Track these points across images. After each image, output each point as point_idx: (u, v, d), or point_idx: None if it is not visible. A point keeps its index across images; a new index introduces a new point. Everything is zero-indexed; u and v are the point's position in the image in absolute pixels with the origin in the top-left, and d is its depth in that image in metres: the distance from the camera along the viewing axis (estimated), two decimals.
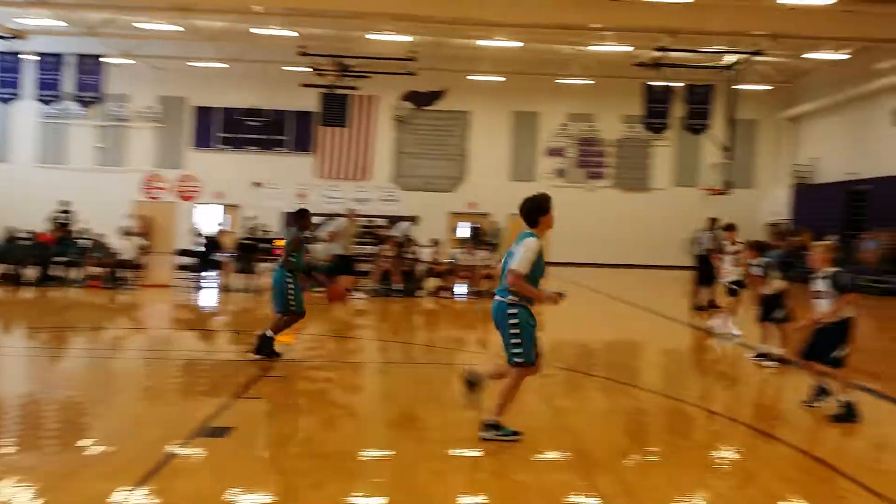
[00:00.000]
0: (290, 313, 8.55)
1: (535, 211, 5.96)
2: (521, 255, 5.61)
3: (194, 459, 5.22)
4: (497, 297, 5.79)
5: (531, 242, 5.69)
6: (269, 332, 8.46)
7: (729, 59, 24.49)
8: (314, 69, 25.12)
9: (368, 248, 18.41)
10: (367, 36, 25.30)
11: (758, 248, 9.63)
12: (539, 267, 5.71)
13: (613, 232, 30.77)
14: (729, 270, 11.58)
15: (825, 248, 6.99)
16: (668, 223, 30.63)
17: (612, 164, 31.93)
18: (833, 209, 26.80)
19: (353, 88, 26.97)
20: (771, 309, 9.21)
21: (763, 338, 9.53)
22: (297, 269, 8.56)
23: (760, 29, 22.95)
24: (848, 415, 6.48)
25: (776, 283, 9.23)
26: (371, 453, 5.54)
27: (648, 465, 5.47)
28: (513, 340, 5.70)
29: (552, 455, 5.61)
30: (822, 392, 6.91)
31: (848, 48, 25.47)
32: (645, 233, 30.76)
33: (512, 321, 5.69)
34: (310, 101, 29.14)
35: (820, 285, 6.75)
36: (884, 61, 23.97)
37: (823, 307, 6.69)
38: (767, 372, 9.05)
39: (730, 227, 12.29)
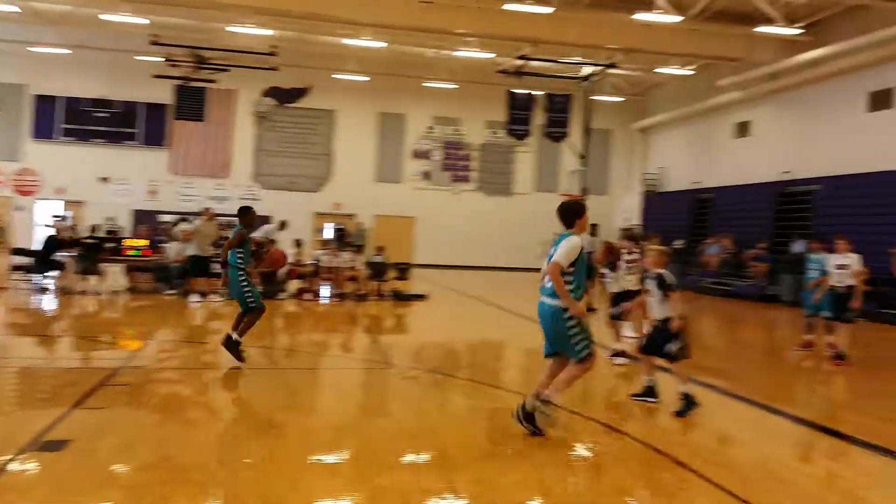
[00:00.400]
0: (251, 311, 8.56)
1: (573, 214, 6.21)
2: (563, 249, 5.91)
3: (28, 475, 4.77)
4: (547, 302, 5.96)
5: (574, 239, 5.99)
6: (234, 336, 8.48)
7: (586, 70, 25.52)
8: (168, 60, 23.84)
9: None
10: (228, 28, 24.36)
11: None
12: (582, 266, 5.95)
13: (477, 235, 31.32)
14: (621, 278, 11.77)
15: (658, 252, 7.51)
16: (529, 227, 31.60)
17: (477, 169, 32.48)
18: (680, 215, 28.59)
19: (210, 81, 25.82)
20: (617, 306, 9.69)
21: (615, 336, 9.93)
22: (248, 265, 8.68)
23: (615, 43, 24.10)
24: (687, 406, 6.90)
25: (624, 282, 9.67)
26: (225, 463, 5.22)
27: (507, 463, 5.48)
28: (575, 339, 5.92)
29: (413, 457, 5.53)
30: (650, 392, 7.35)
31: (693, 64, 27.24)
32: (508, 236, 31.53)
33: (570, 323, 5.90)
34: (163, 94, 27.59)
35: (649, 285, 7.29)
36: (726, 78, 25.80)
37: (654, 306, 7.21)
38: (619, 370, 9.41)
39: (630, 237, 12.28)
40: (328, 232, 29.68)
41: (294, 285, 16.80)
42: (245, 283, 8.54)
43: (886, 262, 17.38)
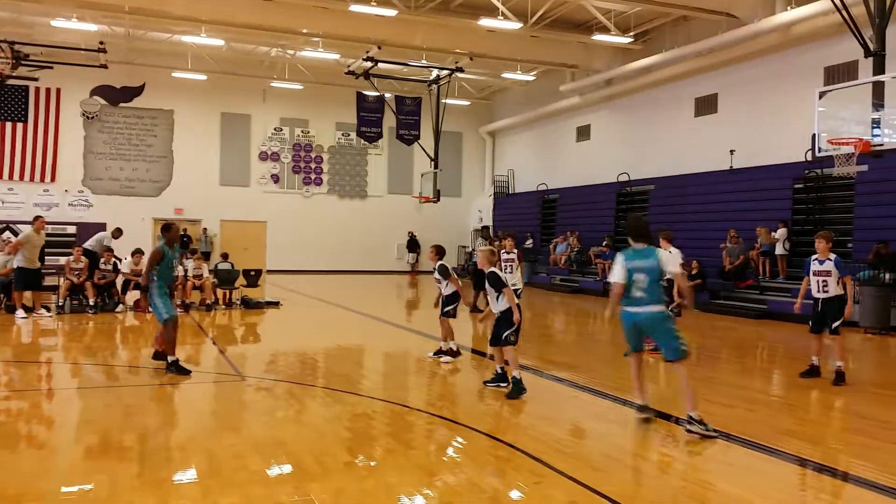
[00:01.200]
0: (166, 323, 8.75)
1: (647, 227, 6.77)
2: (669, 260, 6.71)
3: None
4: (652, 309, 6.43)
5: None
6: (169, 358, 8.79)
7: (434, 73, 25.80)
8: None
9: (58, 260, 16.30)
10: (52, 23, 22.52)
11: (438, 252, 10.17)
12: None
13: (331, 238, 30.86)
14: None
15: (486, 252, 8.34)
16: (384, 229, 31.57)
17: (329, 171, 32.00)
18: (529, 216, 29.56)
19: (32, 79, 23.77)
20: (446, 306, 10.05)
21: (443, 335, 10.13)
22: (168, 281, 8.96)
23: (460, 47, 24.57)
24: (516, 390, 7.65)
25: (451, 283, 10.00)
26: (61, 490, 4.75)
27: (363, 470, 5.37)
28: (676, 336, 6.46)
29: (265, 471, 5.26)
30: (501, 377, 8.13)
31: (536, 70, 28.26)
32: (363, 239, 31.32)
33: (671, 324, 6.55)
34: None
35: (487, 284, 8.06)
36: (566, 83, 26.95)
37: (493, 302, 8.03)
38: (448, 367, 9.53)
39: (509, 236, 13.27)
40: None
41: (132, 297, 15.72)
42: (157, 299, 8.76)
43: (717, 255, 18.82)
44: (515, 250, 13.28)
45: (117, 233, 16.83)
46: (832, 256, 8.78)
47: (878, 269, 14.25)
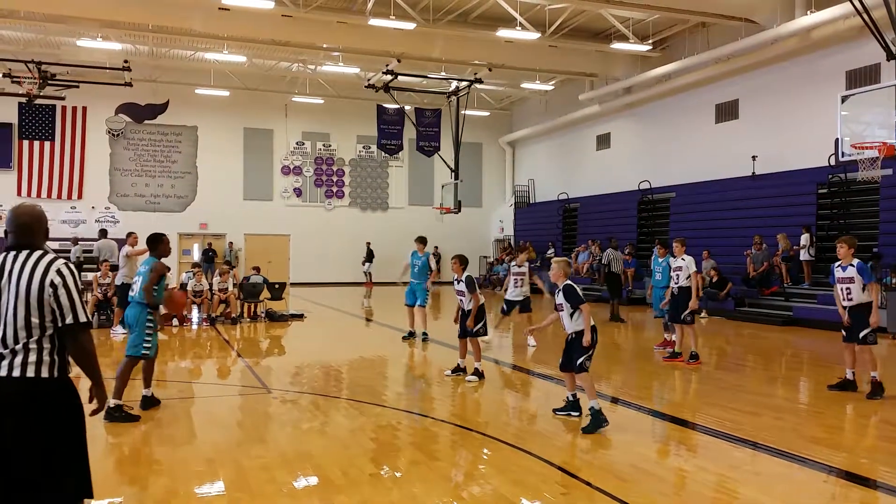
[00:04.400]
0: (142, 358, 7.54)
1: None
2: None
3: None
4: None
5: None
6: (145, 391, 7.76)
7: (454, 85, 25.94)
8: (9, 76, 22.18)
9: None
10: (78, 43, 22.98)
11: (462, 262, 9.86)
12: None
13: (353, 250, 30.99)
14: (513, 290, 12.80)
15: (560, 264, 7.35)
16: (406, 241, 31.58)
17: (350, 184, 32.20)
18: (550, 225, 29.51)
19: (59, 98, 24.22)
20: (475, 324, 9.52)
21: (462, 353, 9.84)
22: (156, 304, 7.57)
23: (479, 59, 24.69)
24: (594, 423, 6.77)
25: (474, 300, 9.45)
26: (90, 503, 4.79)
27: (388, 482, 5.39)
28: None
29: (292, 484, 5.32)
30: (573, 406, 7.29)
31: (555, 79, 28.29)
32: (384, 251, 31.40)
33: None
34: (7, 112, 25.70)
35: (560, 298, 7.12)
36: (585, 92, 26.96)
37: (566, 319, 7.08)
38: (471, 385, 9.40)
39: (521, 249, 13.12)
40: (195, 253, 28.55)
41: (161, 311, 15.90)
42: (150, 327, 7.53)
43: (739, 262, 18.67)
44: (527, 264, 13.34)
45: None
46: (855, 262, 8.38)
47: None
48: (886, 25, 12.08)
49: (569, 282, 7.16)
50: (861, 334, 8.32)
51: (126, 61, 23.04)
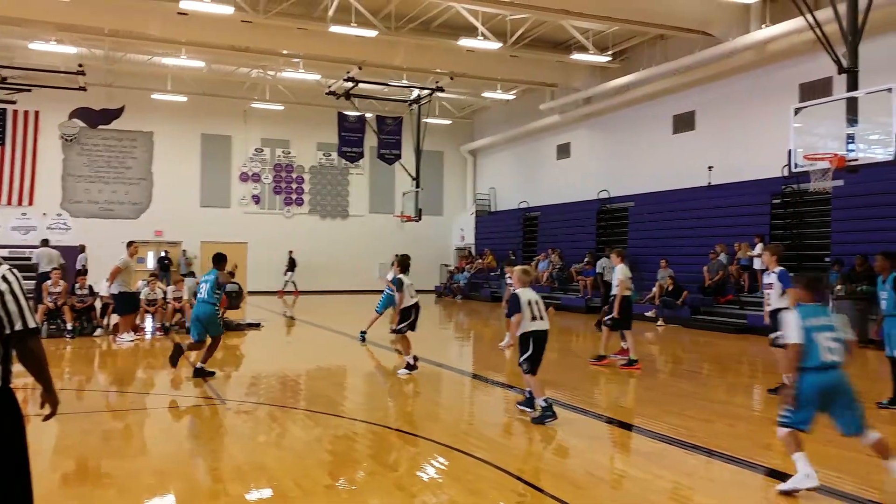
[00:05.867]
0: (215, 340, 10.22)
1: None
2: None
3: None
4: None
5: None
6: (200, 363, 10.07)
7: (415, 93, 25.96)
8: None
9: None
10: (31, 46, 22.43)
11: (400, 263, 10.75)
12: None
13: (313, 258, 30.70)
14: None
15: (518, 272, 7.94)
16: (366, 249, 31.49)
17: (310, 191, 31.94)
18: (511, 233, 29.64)
19: (10, 102, 23.62)
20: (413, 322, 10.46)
21: (406, 347, 10.50)
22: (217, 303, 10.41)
23: (440, 67, 24.72)
24: (541, 417, 7.33)
25: (408, 299, 10.35)
26: None
27: (344, 493, 5.33)
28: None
29: (245, 495, 5.22)
30: (528, 402, 7.78)
31: (516, 89, 28.48)
32: (344, 259, 31.22)
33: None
34: None
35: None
36: (546, 102, 27.18)
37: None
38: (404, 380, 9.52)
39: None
40: (150, 261, 28.03)
41: (113, 320, 15.53)
42: (219, 318, 10.48)
43: (695, 271, 18.95)
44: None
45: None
46: (777, 269, 8.83)
47: (856, 282, 14.39)
48: (838, 40, 12.39)
49: (517, 291, 7.62)
50: (773, 336, 8.66)
51: (81, 65, 22.58)
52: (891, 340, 7.94)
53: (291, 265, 29.54)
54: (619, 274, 11.21)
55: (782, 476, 5.58)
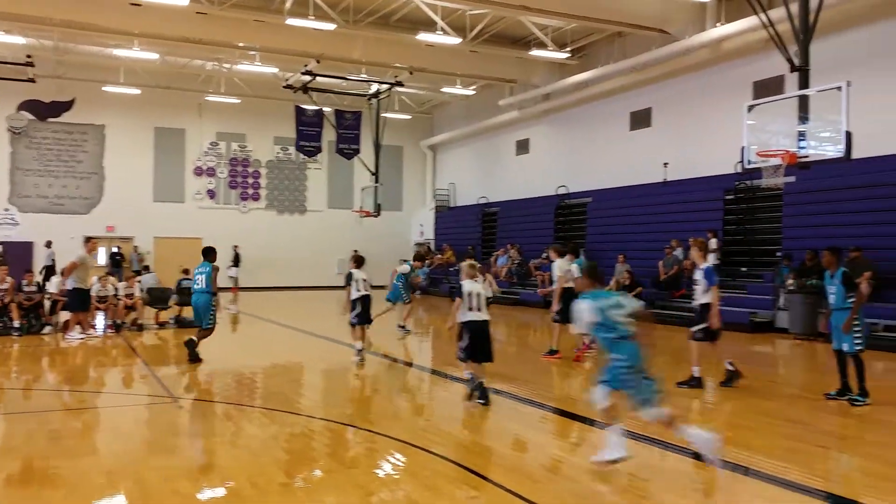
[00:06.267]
0: (210, 328, 11.11)
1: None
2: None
3: None
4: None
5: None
6: (195, 338, 10.94)
7: (374, 87, 25.81)
8: None
9: None
10: None
11: (355, 260, 11.70)
12: None
13: (269, 254, 30.33)
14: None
15: (464, 266, 8.39)
16: (324, 244, 31.21)
17: (267, 186, 31.54)
18: (470, 229, 29.66)
19: None
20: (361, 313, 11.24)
21: (356, 337, 11.24)
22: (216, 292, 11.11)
23: (399, 62, 24.61)
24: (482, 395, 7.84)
25: (354, 292, 11.25)
26: None
27: (300, 491, 5.27)
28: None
29: (196, 494, 5.14)
30: (481, 390, 8.00)
31: (475, 84, 28.50)
32: (302, 254, 30.88)
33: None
34: None
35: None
36: (506, 98, 27.23)
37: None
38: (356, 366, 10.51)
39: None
40: (102, 257, 27.38)
41: (62, 317, 15.12)
42: (215, 307, 11.15)
43: (652, 266, 19.19)
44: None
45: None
46: (703, 265, 9.05)
47: (806, 277, 14.71)
48: (790, 39, 12.63)
49: (462, 281, 8.15)
50: (693, 329, 9.01)
51: (29, 56, 21.95)
52: (838, 334, 8.13)
53: (236, 260, 28.97)
54: (556, 269, 11.64)
55: (734, 467, 5.66)
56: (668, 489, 5.29)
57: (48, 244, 21.17)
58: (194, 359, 10.80)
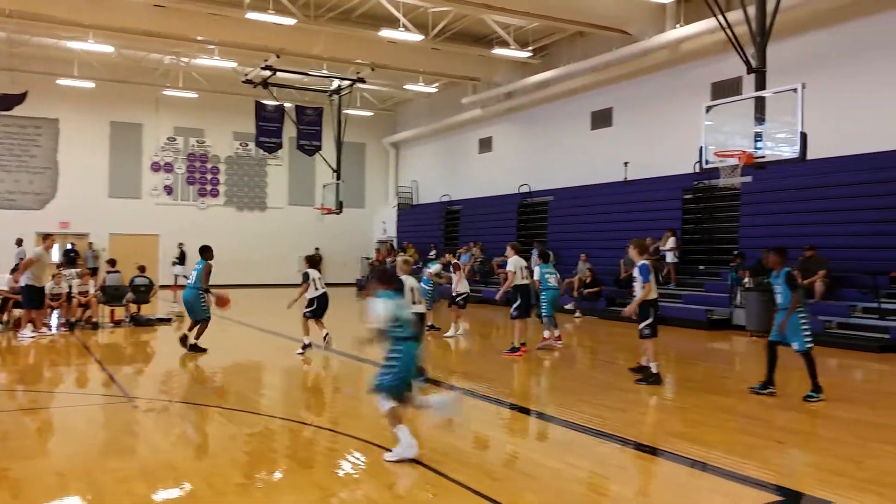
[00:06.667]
0: (204, 320, 11.74)
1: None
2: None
3: None
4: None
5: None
6: (194, 340, 11.58)
7: (336, 83, 25.58)
8: None
9: None
10: None
11: (308, 260, 12.34)
12: None
13: (229, 251, 29.79)
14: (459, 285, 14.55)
15: (399, 261, 9.25)
16: (284, 241, 30.87)
17: (226, 182, 31.09)
18: (433, 227, 29.63)
19: None
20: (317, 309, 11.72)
21: (305, 331, 11.64)
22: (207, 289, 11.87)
23: (361, 58, 24.44)
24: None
25: (312, 290, 11.72)
26: None
27: (257, 492, 5.18)
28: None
29: (151, 496, 5.02)
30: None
31: (438, 82, 28.45)
32: (262, 252, 30.52)
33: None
34: None
35: None
36: (468, 96, 27.24)
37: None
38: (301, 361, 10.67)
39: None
40: (55, 254, 26.70)
41: (14, 315, 14.70)
42: (205, 301, 11.81)
43: (613, 264, 19.37)
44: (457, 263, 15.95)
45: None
46: (639, 263, 9.27)
47: (762, 276, 14.98)
48: (748, 41, 12.82)
49: (401, 277, 8.45)
50: (640, 327, 9.30)
51: None
52: (777, 327, 8.39)
53: (181, 258, 28.29)
54: (510, 265, 12.03)
55: (692, 463, 5.73)
56: (627, 485, 5.33)
57: (19, 242, 20.61)
58: (195, 349, 11.54)
